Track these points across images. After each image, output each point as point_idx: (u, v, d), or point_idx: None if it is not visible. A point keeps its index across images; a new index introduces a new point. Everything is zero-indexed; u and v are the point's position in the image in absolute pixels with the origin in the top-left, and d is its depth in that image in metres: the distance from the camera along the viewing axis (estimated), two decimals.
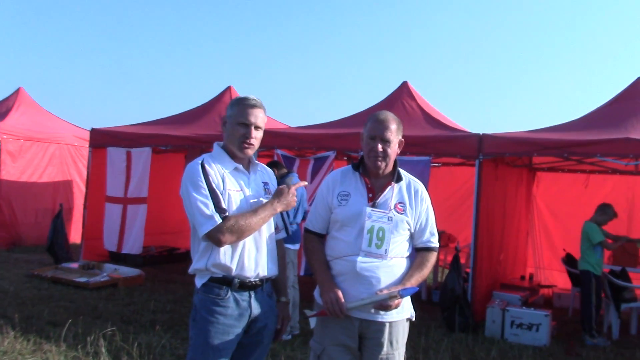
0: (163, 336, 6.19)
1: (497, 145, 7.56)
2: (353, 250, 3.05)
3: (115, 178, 9.99)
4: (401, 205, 3.12)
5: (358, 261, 3.02)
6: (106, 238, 10.07)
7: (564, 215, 9.91)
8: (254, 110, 2.99)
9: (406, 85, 9.63)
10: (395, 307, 2.97)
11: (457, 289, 7.26)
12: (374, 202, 3.10)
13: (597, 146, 7.03)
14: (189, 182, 2.88)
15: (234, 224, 2.81)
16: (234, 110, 3.00)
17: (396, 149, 3.16)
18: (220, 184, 2.90)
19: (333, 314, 2.97)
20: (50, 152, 12.80)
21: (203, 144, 9.06)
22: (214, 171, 2.92)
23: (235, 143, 2.99)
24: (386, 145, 3.09)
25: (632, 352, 6.79)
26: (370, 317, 3.04)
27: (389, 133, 3.09)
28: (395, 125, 3.13)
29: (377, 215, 3.06)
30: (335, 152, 8.36)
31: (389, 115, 3.17)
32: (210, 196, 2.84)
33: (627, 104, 8.09)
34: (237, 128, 2.97)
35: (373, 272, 3.01)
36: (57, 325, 6.47)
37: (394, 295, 2.94)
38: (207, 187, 2.85)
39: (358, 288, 3.01)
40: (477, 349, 6.56)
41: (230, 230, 2.80)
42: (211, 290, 2.92)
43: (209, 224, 2.80)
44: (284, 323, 3.20)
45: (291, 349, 6.07)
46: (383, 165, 3.11)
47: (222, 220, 2.80)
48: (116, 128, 10.61)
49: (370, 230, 3.04)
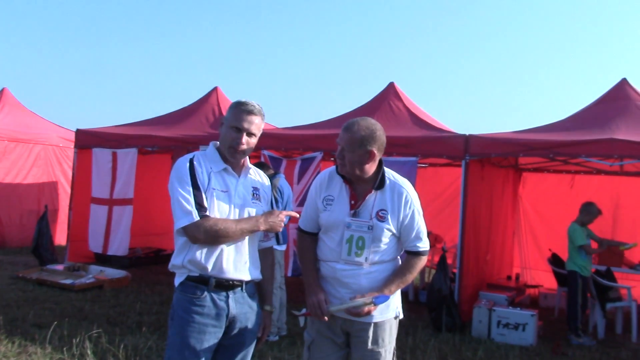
0: (149, 338, 6.16)
1: (484, 146, 7.60)
2: (334, 257, 3.11)
3: (100, 179, 9.93)
4: (382, 213, 3.09)
5: (338, 269, 3.08)
6: (91, 239, 10.00)
7: (549, 216, 9.97)
8: (250, 117, 2.97)
9: (393, 86, 9.64)
10: (366, 314, 3.00)
11: (444, 289, 7.28)
12: (354, 211, 3.10)
13: (582, 147, 7.09)
14: (175, 177, 2.89)
15: (212, 225, 2.80)
16: (230, 113, 2.99)
17: (357, 158, 3.06)
18: (205, 182, 2.90)
19: (315, 316, 3.07)
20: (35, 153, 12.69)
21: (189, 145, 9.03)
22: (202, 169, 2.92)
23: (226, 146, 2.98)
24: (343, 152, 3.07)
25: (617, 351, 6.84)
26: (352, 318, 3.08)
27: (343, 142, 3.07)
28: (350, 135, 3.06)
29: (357, 224, 3.08)
30: (322, 153, 8.36)
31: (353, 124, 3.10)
32: (192, 192, 2.84)
33: (612, 104, 8.17)
34: (229, 132, 2.96)
35: (354, 278, 3.07)
36: (42, 327, 6.42)
37: (368, 302, 2.97)
38: (191, 183, 2.85)
39: (340, 291, 3.08)
40: (464, 348, 6.58)
41: (205, 230, 2.80)
42: (188, 289, 2.90)
43: (186, 218, 2.81)
44: (264, 332, 3.20)
45: (278, 350, 6.05)
46: (350, 171, 3.09)
47: (200, 218, 2.80)
48: (102, 129, 10.55)
49: (350, 240, 3.07)
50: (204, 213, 2.82)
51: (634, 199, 9.46)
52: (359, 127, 3.07)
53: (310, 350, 3.22)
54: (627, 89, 8.35)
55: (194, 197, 2.83)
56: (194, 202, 2.82)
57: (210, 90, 11.22)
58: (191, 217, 2.80)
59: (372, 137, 3.07)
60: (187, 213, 2.81)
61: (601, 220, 7.65)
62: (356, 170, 3.09)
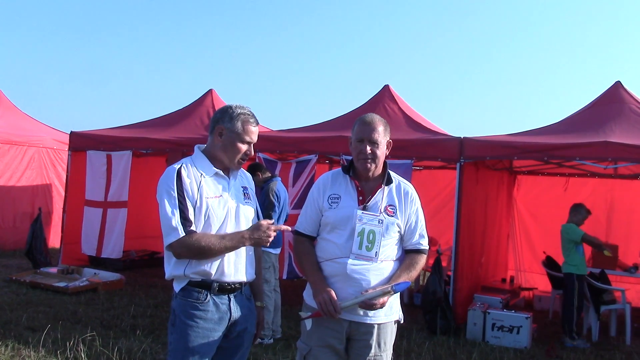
0: (144, 341, 6.14)
1: (478, 149, 7.61)
2: (344, 253, 3.07)
3: (95, 182, 9.90)
4: (391, 208, 3.14)
5: (348, 264, 3.04)
6: (84, 242, 9.97)
7: (544, 218, 9.99)
8: (255, 128, 3.05)
9: (388, 89, 9.65)
10: (380, 305, 2.99)
11: (439, 291, 7.28)
12: (364, 205, 3.12)
13: (576, 150, 7.11)
14: (162, 189, 2.89)
15: (195, 242, 2.81)
16: (236, 126, 2.99)
17: (385, 150, 3.18)
18: (195, 192, 2.89)
19: (328, 314, 2.98)
20: (29, 155, 12.63)
21: (184, 148, 9.01)
22: (191, 179, 2.91)
23: (234, 158, 3.01)
24: (374, 147, 3.11)
25: (611, 353, 6.86)
26: (360, 319, 3.07)
27: (377, 135, 3.11)
28: (382, 127, 3.15)
29: (368, 218, 3.08)
30: (317, 156, 8.36)
31: (375, 117, 3.19)
32: (178, 206, 2.83)
33: (606, 107, 8.19)
34: (239, 145, 3.00)
35: (363, 274, 3.04)
36: (35, 330, 6.39)
37: (388, 290, 2.97)
38: (177, 196, 2.84)
39: (347, 290, 3.04)
40: (458, 351, 6.59)
41: (188, 248, 2.81)
42: (190, 294, 2.90)
43: (171, 235, 2.82)
44: (258, 327, 3.22)
45: (273, 353, 6.05)
46: (372, 167, 3.13)
47: (185, 234, 2.80)
48: (96, 131, 10.52)
49: (361, 233, 3.06)
50: (189, 228, 2.82)
51: (628, 202, 9.50)
52: (378, 118, 3.20)
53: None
54: (621, 92, 8.37)
55: (179, 211, 2.83)
56: (179, 217, 2.82)
57: (205, 92, 11.20)
58: (177, 233, 2.80)
59: (389, 127, 3.22)
60: (172, 230, 2.81)
61: (595, 222, 7.68)
62: (380, 164, 3.17)
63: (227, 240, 2.88)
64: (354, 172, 3.22)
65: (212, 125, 3.05)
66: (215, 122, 3.04)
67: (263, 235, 2.97)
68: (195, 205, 2.87)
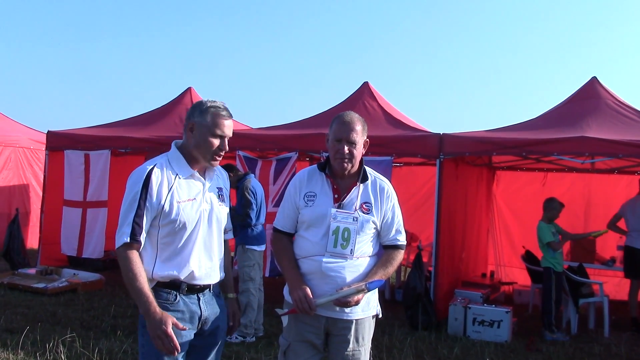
0: (124, 341, 6.10)
1: (458, 145, 7.66)
2: (319, 251, 3.09)
3: (73, 181, 9.82)
4: (367, 205, 3.15)
5: (323, 261, 3.05)
6: (64, 242, 9.88)
7: (523, 213, 10.07)
8: (228, 121, 2.93)
9: (367, 86, 9.68)
10: (355, 303, 3.01)
11: (420, 287, 7.32)
12: (339, 203, 3.13)
13: (554, 145, 7.19)
14: (128, 189, 2.84)
15: (123, 259, 2.77)
16: (206, 119, 2.88)
17: (362, 149, 3.18)
18: (163, 196, 2.81)
19: (303, 311, 3.00)
20: (5, 155, 12.46)
21: (163, 146, 8.93)
22: (162, 182, 2.83)
23: (208, 154, 2.90)
24: (352, 146, 3.11)
25: (590, 346, 6.94)
26: (337, 315, 3.09)
27: (355, 135, 3.11)
28: (361, 127, 3.15)
29: (342, 216, 3.09)
30: (297, 153, 8.35)
31: (354, 116, 3.18)
32: (136, 211, 2.78)
33: (583, 103, 8.30)
34: (210, 139, 2.88)
35: (338, 272, 3.05)
36: (14, 332, 6.32)
37: (362, 289, 2.99)
38: (137, 201, 2.78)
39: (323, 287, 3.05)
40: (440, 346, 6.63)
41: (124, 258, 2.77)
42: (159, 295, 2.83)
43: (120, 239, 2.79)
44: (235, 318, 3.20)
45: (255, 351, 6.04)
46: (349, 166, 3.14)
47: (128, 241, 2.77)
48: (73, 130, 10.43)
49: (336, 231, 3.07)
50: (135, 238, 2.78)
51: (605, 196, 9.61)
52: (357, 117, 3.19)
53: (285, 355, 3.18)
54: (598, 88, 8.49)
55: (134, 217, 2.78)
56: (132, 222, 2.78)
57: (183, 90, 11.15)
58: (124, 238, 2.78)
59: (367, 126, 3.23)
60: (122, 233, 2.79)
61: (573, 216, 7.77)
62: (357, 163, 3.17)
63: (138, 292, 2.73)
64: (329, 169, 3.22)
65: (185, 122, 2.98)
66: (187, 119, 2.96)
67: (155, 336, 2.71)
68: (163, 210, 2.80)
